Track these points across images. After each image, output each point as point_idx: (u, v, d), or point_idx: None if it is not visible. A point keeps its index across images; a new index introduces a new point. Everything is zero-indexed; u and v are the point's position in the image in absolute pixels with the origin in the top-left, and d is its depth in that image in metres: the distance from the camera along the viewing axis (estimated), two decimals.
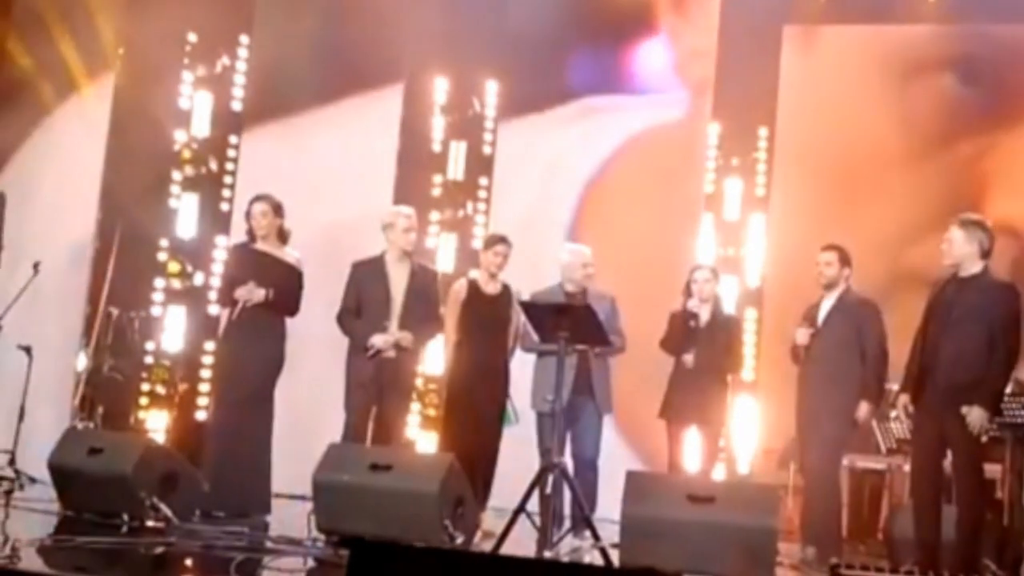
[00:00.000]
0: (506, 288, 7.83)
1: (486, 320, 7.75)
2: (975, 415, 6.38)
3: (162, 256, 9.69)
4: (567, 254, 7.88)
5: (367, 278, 7.62)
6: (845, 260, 7.46)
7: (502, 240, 7.93)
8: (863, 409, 7.24)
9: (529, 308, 6.94)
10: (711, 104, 10.58)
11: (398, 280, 7.61)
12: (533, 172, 9.89)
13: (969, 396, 6.40)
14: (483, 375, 7.73)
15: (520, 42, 10.04)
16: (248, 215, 7.72)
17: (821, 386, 7.26)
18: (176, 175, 9.79)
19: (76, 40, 9.41)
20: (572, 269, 7.79)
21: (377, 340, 7.44)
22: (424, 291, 7.67)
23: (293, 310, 7.67)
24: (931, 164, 10.21)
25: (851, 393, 7.26)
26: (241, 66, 10.00)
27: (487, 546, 6.36)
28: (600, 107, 10.36)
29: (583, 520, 6.63)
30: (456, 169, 10.58)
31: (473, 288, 7.83)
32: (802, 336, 7.37)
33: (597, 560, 6.27)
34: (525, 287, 7.87)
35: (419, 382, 9.43)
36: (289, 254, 7.71)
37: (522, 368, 7.91)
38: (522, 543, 6.24)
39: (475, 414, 7.69)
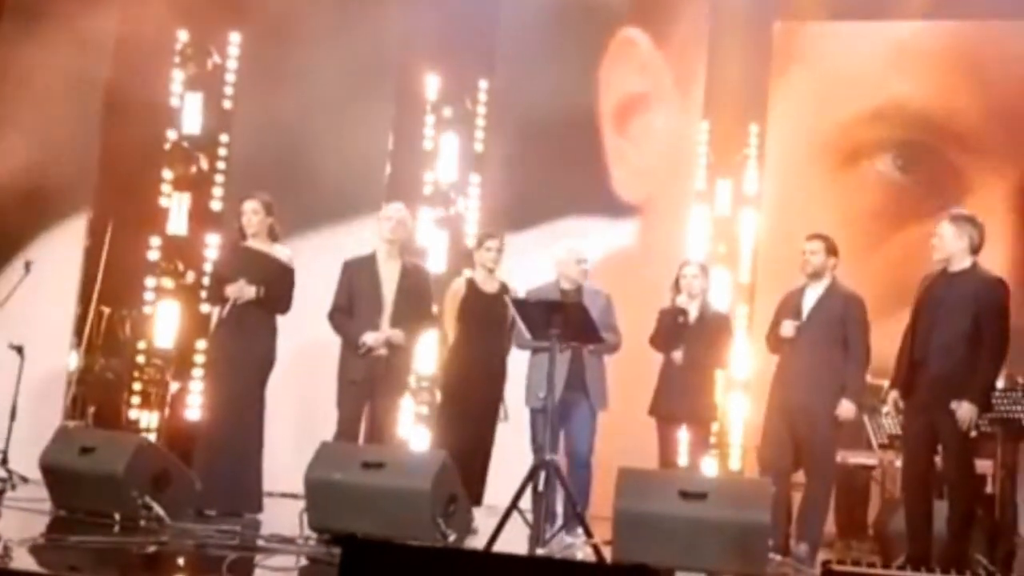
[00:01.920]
0: (504, 286, 7.84)
1: (483, 318, 7.77)
2: (964, 410, 6.39)
3: (153, 255, 9.68)
4: (562, 251, 7.87)
5: (358, 276, 7.64)
6: (831, 249, 7.41)
7: (492, 235, 7.96)
8: (843, 407, 7.23)
9: (521, 305, 6.94)
10: (702, 101, 10.59)
11: (389, 278, 7.63)
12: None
13: (959, 390, 6.41)
14: (480, 373, 7.76)
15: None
16: (240, 213, 7.72)
17: (805, 380, 7.24)
18: (167, 173, 9.78)
19: (67, 38, 9.38)
20: (567, 266, 7.78)
21: (368, 338, 7.46)
22: (415, 289, 7.68)
23: (284, 308, 7.67)
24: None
25: (835, 387, 7.24)
26: (232, 64, 9.99)
27: (479, 543, 6.37)
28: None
29: (575, 517, 6.64)
30: (447, 167, 10.59)
31: (471, 286, 7.85)
32: (788, 329, 7.33)
33: (590, 557, 6.28)
34: None
35: (412, 380, 9.42)
36: (280, 252, 7.71)
37: (516, 366, 7.92)
38: (514, 540, 6.25)
39: (471, 411, 7.71)
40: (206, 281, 9.35)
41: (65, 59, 9.20)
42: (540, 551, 6.16)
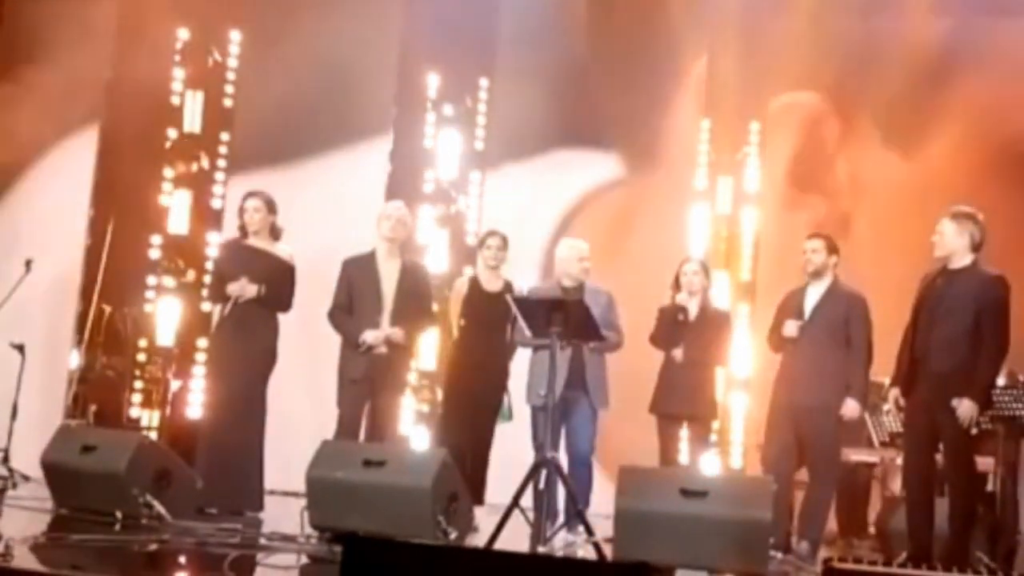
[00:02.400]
0: (508, 285, 7.83)
1: (485, 317, 7.77)
2: (965, 408, 6.39)
3: (154, 253, 9.68)
4: (564, 248, 7.87)
5: (358, 274, 7.63)
6: (832, 248, 7.43)
7: (491, 233, 7.98)
8: (849, 406, 7.23)
9: (521, 303, 6.94)
10: (703, 99, 10.58)
11: (389, 276, 7.61)
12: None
13: (959, 388, 6.41)
14: (480, 371, 7.77)
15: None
16: (241, 211, 7.72)
17: (809, 379, 7.24)
18: (168, 172, 9.78)
19: (67, 36, 9.38)
20: (569, 263, 7.78)
21: (369, 336, 7.45)
22: (415, 287, 7.68)
23: (286, 306, 7.67)
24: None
25: (839, 386, 7.25)
26: (232, 63, 9.98)
27: (480, 541, 6.37)
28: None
29: (576, 515, 6.64)
30: (448, 165, 10.59)
31: (474, 285, 7.86)
32: (791, 329, 7.34)
33: (591, 555, 6.28)
34: None
35: (412, 377, 9.43)
36: (282, 250, 7.70)
37: (518, 363, 7.93)
38: (516, 538, 6.25)
39: (470, 410, 7.71)
40: (207, 279, 9.35)
41: (65, 59, 9.21)
42: (541, 549, 6.17)
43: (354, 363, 7.48)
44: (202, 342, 9.37)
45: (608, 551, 6.14)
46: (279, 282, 7.58)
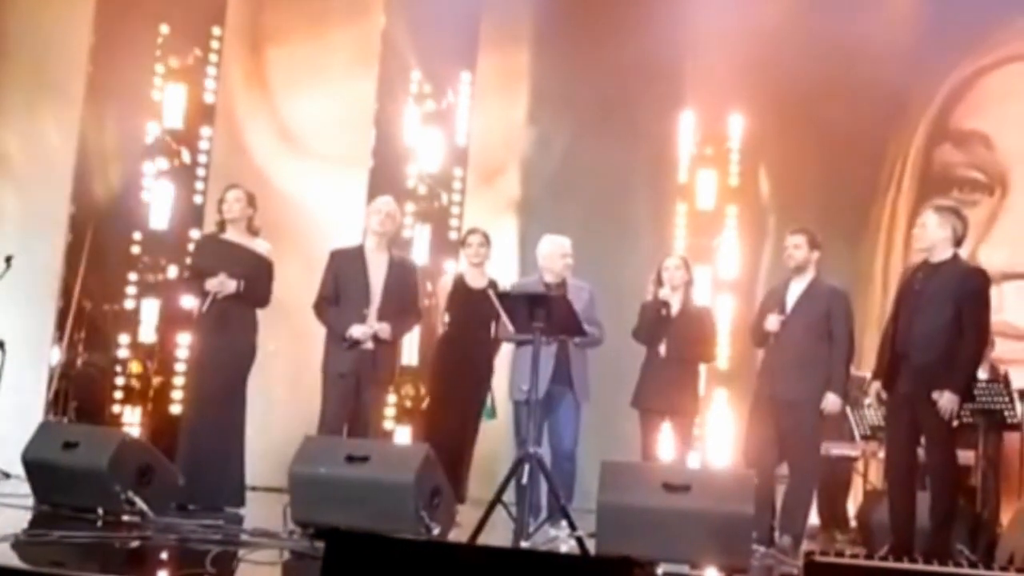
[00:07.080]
0: (492, 282, 7.82)
1: (468, 314, 7.77)
2: (946, 400, 6.41)
3: (135, 249, 9.65)
4: (547, 244, 7.85)
5: (346, 266, 7.57)
6: (814, 243, 7.45)
7: (472, 231, 7.99)
8: (829, 401, 7.25)
9: (503, 298, 6.92)
10: (686, 93, 10.59)
11: (377, 270, 7.55)
12: None
13: (940, 380, 6.43)
14: (464, 368, 7.76)
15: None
16: (221, 201, 7.69)
17: (790, 373, 7.26)
18: (149, 167, 9.75)
19: (50, 31, 9.35)
20: (551, 259, 7.76)
21: (355, 331, 7.39)
22: (403, 282, 7.62)
23: (264, 301, 7.63)
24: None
25: (820, 380, 7.27)
26: (214, 58, 9.97)
27: (463, 536, 6.36)
28: None
29: (559, 510, 6.64)
30: (430, 160, 10.58)
31: (459, 282, 7.86)
32: (773, 323, 7.36)
33: (574, 550, 6.27)
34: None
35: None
36: (260, 244, 7.67)
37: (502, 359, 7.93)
38: (498, 534, 6.25)
39: (453, 406, 7.71)
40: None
41: (46, 50, 9.18)
42: (524, 544, 6.17)
43: (340, 358, 7.43)
44: (183, 338, 9.34)
45: (591, 546, 6.14)
46: (258, 277, 7.55)
